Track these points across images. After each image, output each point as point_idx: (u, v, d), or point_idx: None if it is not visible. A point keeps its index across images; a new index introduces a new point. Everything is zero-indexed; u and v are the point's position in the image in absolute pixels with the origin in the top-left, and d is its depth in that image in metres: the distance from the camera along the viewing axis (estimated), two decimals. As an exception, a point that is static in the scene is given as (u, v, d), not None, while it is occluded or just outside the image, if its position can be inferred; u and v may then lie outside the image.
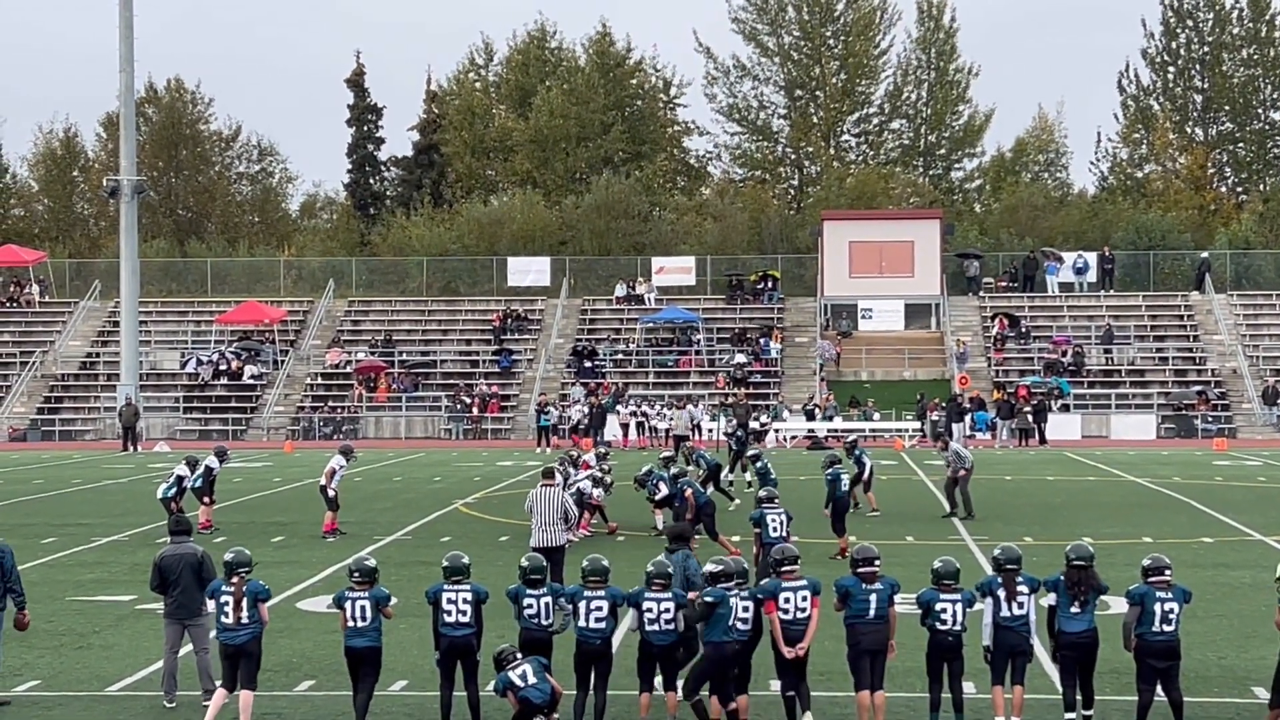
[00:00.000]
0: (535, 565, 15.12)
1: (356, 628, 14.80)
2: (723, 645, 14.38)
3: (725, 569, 14.57)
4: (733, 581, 14.52)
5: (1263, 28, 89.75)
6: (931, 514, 32.52)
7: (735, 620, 14.39)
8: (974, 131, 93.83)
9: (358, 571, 15.05)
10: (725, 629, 14.34)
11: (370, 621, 14.80)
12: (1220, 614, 20.39)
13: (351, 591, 14.92)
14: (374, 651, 14.85)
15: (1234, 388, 65.82)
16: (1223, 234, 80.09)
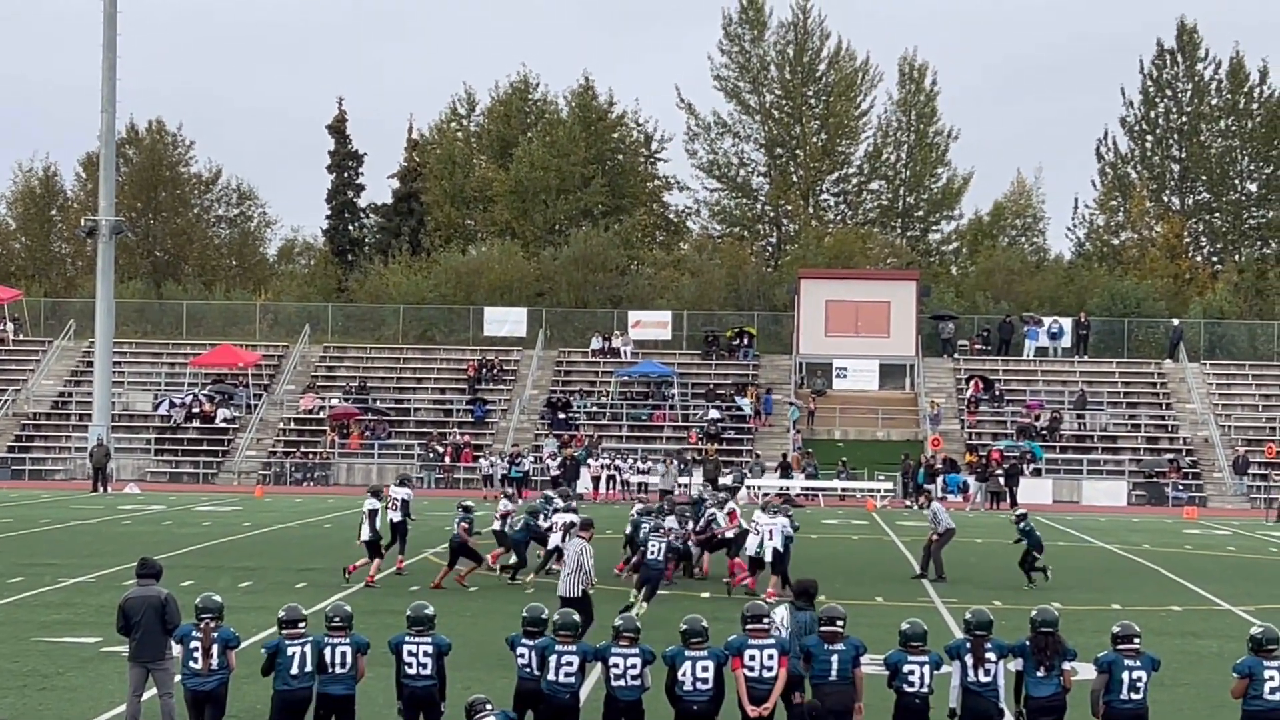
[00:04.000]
0: (534, 616, 15.00)
1: (335, 674, 14.71)
2: (682, 704, 14.31)
3: (690, 628, 14.50)
4: (698, 639, 14.44)
5: (1241, 99, 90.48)
6: (902, 575, 32.49)
7: (695, 680, 14.31)
8: (952, 194, 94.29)
9: (338, 618, 14.97)
10: (683, 687, 14.27)
11: (349, 669, 14.72)
12: (1187, 683, 20.36)
13: (330, 637, 14.85)
14: (349, 699, 14.78)
15: (1205, 456, 66.01)
16: (1197, 303, 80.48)
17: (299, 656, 14.65)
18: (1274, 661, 14.17)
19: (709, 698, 14.34)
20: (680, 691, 14.32)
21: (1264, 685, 14.13)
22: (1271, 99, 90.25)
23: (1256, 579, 34.06)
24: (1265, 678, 14.13)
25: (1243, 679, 14.28)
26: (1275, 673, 14.13)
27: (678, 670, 14.31)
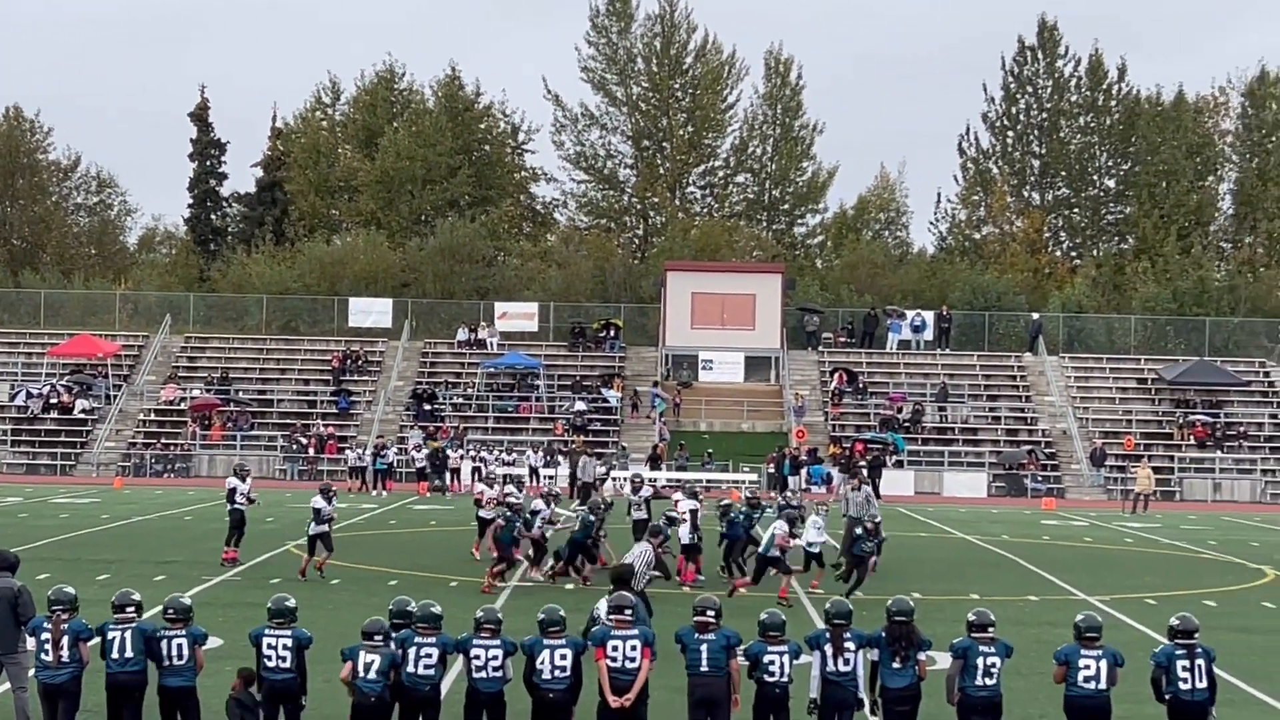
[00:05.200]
0: (399, 609, 14.85)
1: (173, 666, 14.56)
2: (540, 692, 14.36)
3: (547, 617, 14.55)
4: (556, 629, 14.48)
5: (1099, 96, 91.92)
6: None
7: (553, 668, 14.33)
8: (817, 188, 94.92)
9: (173, 610, 14.83)
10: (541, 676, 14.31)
11: (186, 660, 14.57)
12: (1043, 671, 20.57)
13: (167, 630, 14.70)
14: (189, 691, 14.62)
15: (1063, 448, 67.06)
16: (1056, 297, 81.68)
17: (119, 641, 14.61)
18: (1093, 650, 14.49)
19: (567, 686, 14.38)
20: (538, 680, 14.35)
21: (1079, 673, 14.45)
22: (1129, 96, 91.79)
23: (1112, 569, 34.65)
24: (1080, 666, 14.45)
25: (1060, 666, 14.62)
26: (1091, 661, 14.45)
27: (536, 659, 14.34)
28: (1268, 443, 67.74)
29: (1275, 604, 28.83)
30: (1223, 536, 44.74)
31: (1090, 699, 14.41)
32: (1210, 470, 65.61)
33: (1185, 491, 64.42)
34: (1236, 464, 66.19)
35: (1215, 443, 66.91)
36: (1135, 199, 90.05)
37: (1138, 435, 67.23)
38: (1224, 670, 15.52)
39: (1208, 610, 24.96)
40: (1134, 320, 77.84)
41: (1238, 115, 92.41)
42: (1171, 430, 68.11)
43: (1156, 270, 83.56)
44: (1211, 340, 75.42)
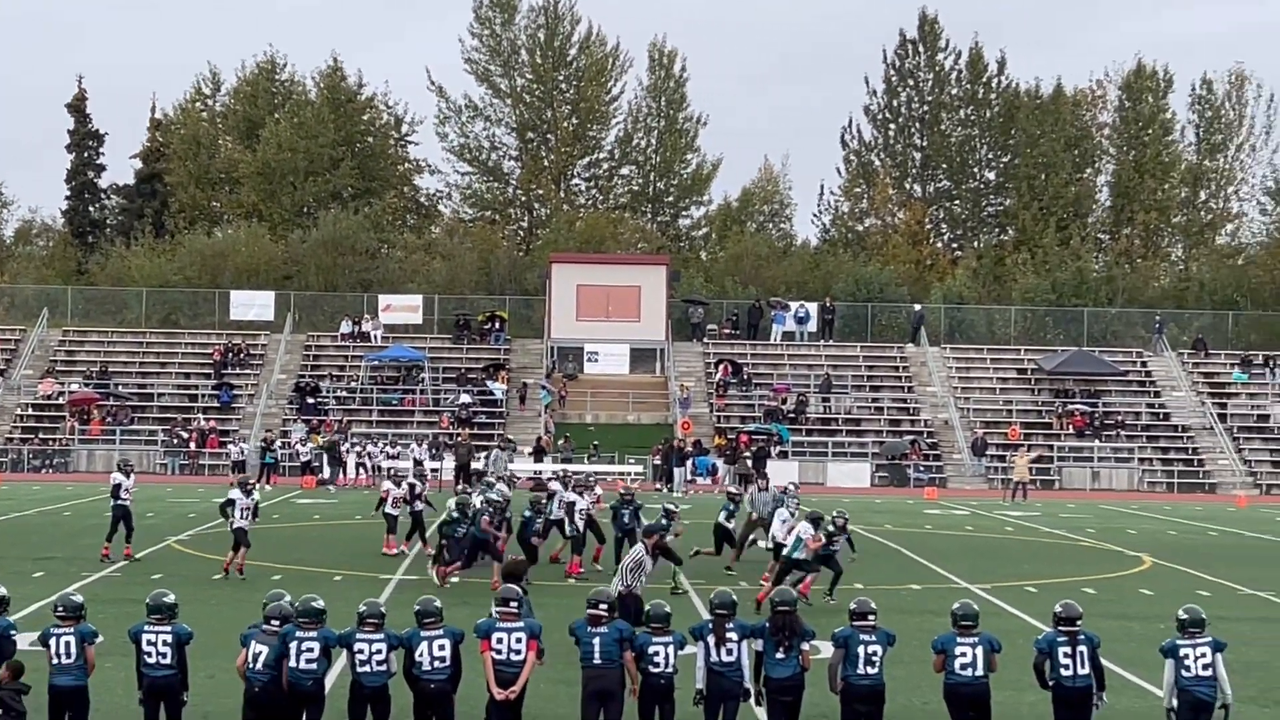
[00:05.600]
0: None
1: (61, 664, 14.36)
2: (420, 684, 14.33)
3: (423, 608, 14.50)
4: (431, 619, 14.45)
5: (979, 89, 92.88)
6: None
7: (432, 659, 14.28)
8: (702, 180, 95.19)
9: (63, 607, 14.62)
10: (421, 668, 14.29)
11: (75, 659, 14.38)
12: (924, 659, 20.63)
13: (56, 628, 14.49)
14: (79, 690, 14.42)
15: (945, 438, 67.71)
16: (938, 288, 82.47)
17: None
18: (969, 638, 14.65)
19: (447, 676, 14.36)
20: (418, 672, 14.32)
21: (956, 661, 14.61)
22: (1009, 90, 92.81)
23: (993, 558, 35.02)
24: (957, 653, 14.61)
25: (938, 654, 14.77)
26: (968, 648, 14.61)
27: (414, 651, 14.29)
28: (1145, 432, 68.78)
29: (1153, 591, 29.26)
30: (1101, 524, 45.37)
31: (968, 686, 14.56)
32: (1089, 459, 66.51)
33: (1064, 480, 65.26)
34: (1114, 453, 67.14)
35: (1093, 432, 67.85)
36: (1015, 191, 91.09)
37: (1018, 425, 68.00)
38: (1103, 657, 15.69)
39: (1087, 597, 25.28)
40: (1014, 311, 78.77)
41: (1115, 108, 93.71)
42: (1051, 420, 68.98)
43: (1036, 262, 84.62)
44: (1090, 330, 76.45)
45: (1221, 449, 67.41)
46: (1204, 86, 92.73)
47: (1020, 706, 17.39)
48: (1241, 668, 20.55)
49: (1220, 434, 68.10)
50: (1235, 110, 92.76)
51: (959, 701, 14.62)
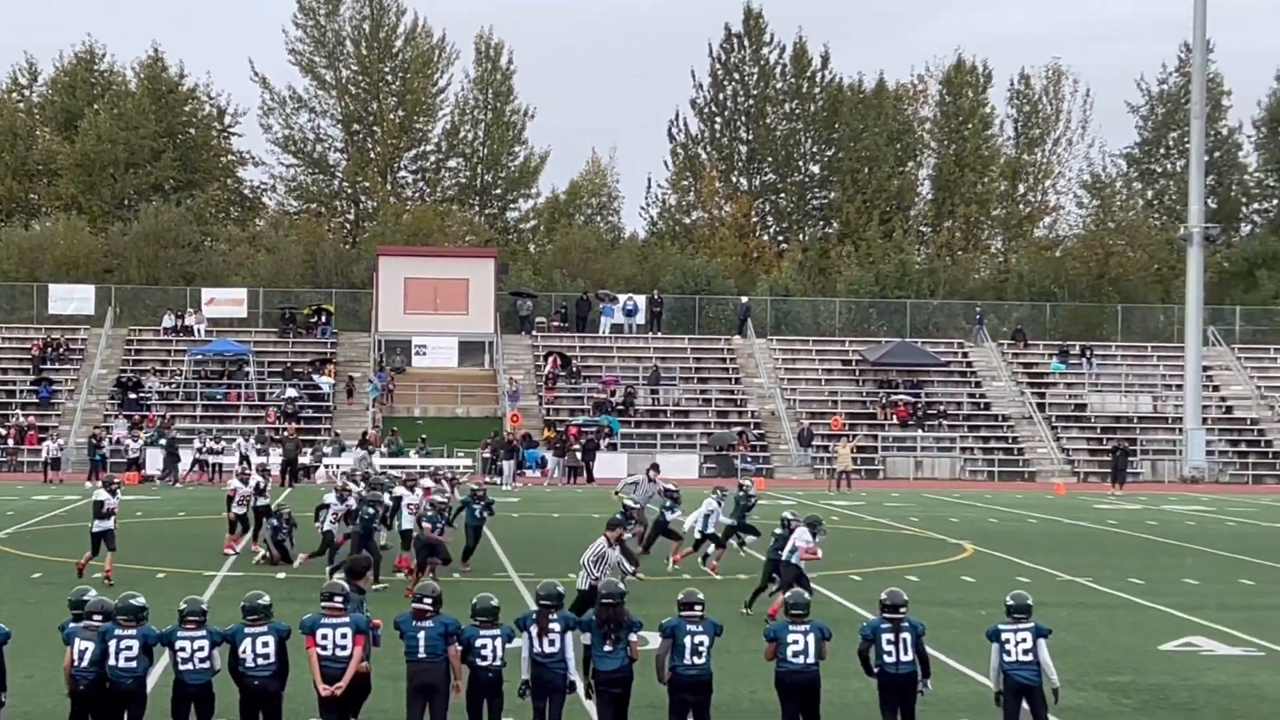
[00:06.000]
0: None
1: None
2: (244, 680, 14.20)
3: (248, 604, 14.37)
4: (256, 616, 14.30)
5: (804, 84, 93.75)
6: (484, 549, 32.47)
7: (255, 656, 14.14)
8: (529, 173, 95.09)
9: None
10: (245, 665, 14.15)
11: None
12: (754, 649, 20.94)
13: None
14: None
15: (772, 429, 68.34)
16: (764, 281, 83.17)
17: None
18: (801, 625, 14.80)
19: (271, 673, 14.20)
20: (242, 669, 14.16)
21: (788, 649, 14.76)
22: (832, 84, 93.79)
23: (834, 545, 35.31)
24: (789, 641, 14.76)
25: (770, 642, 14.90)
26: (799, 636, 14.74)
27: (239, 648, 14.14)
28: (966, 421, 69.97)
29: (975, 578, 29.78)
30: (924, 513, 46.07)
31: (799, 673, 14.69)
32: (912, 449, 67.51)
33: (888, 469, 66.19)
34: (937, 442, 68.23)
35: (916, 422, 68.89)
36: (839, 184, 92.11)
37: (843, 415, 68.84)
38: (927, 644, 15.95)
39: (911, 585, 25.67)
40: (838, 303, 79.71)
41: (936, 103, 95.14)
42: (875, 410, 69.90)
43: (860, 254, 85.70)
44: (912, 322, 77.59)
45: (1040, 438, 68.79)
46: (1022, 82, 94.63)
47: (846, 693, 17.60)
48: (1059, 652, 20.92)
49: (1039, 423, 69.50)
50: (1052, 105, 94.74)
51: (790, 689, 14.75)
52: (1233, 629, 23.55)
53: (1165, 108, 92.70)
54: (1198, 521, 45.21)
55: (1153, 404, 71.88)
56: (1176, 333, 74.56)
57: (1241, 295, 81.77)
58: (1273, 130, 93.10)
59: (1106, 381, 73.15)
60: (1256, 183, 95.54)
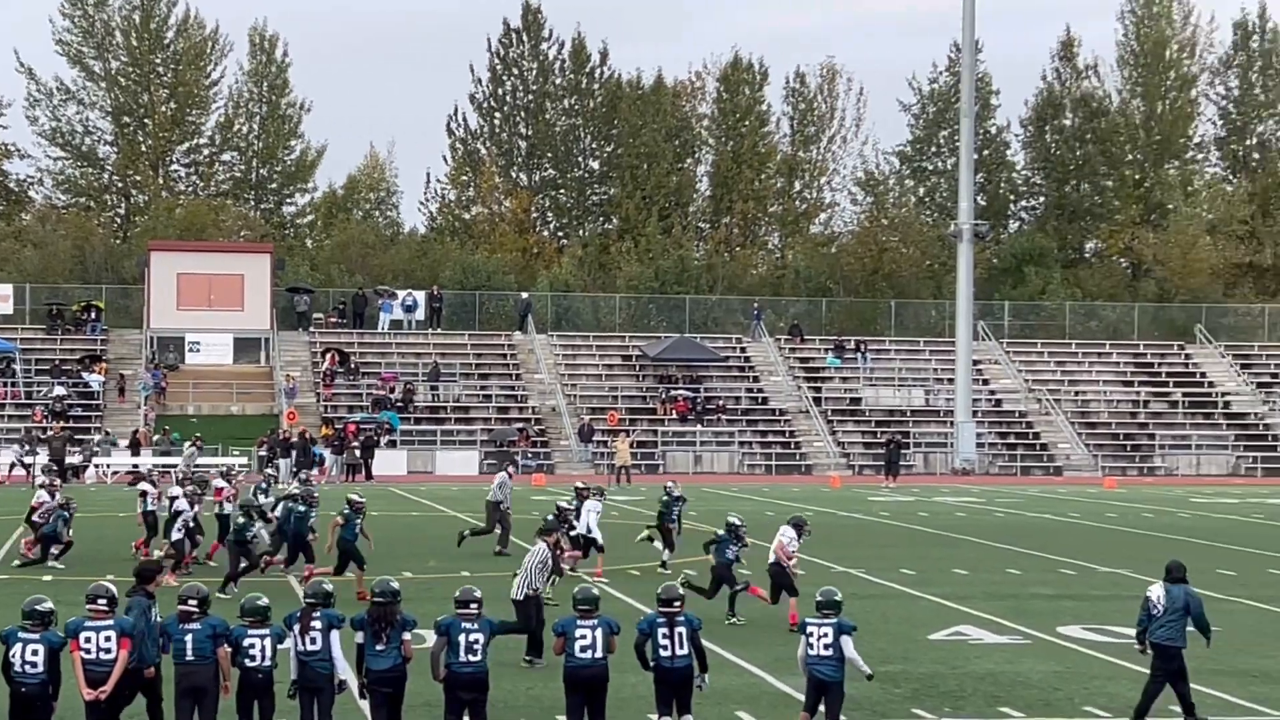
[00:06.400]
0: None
1: None
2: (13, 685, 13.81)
3: (26, 606, 13.95)
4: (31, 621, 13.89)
5: (583, 80, 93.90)
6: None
7: (24, 661, 13.74)
8: (306, 167, 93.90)
9: None
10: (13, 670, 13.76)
11: None
12: (533, 645, 21.02)
13: None
14: None
15: (552, 425, 68.42)
16: (544, 277, 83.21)
17: None
18: (589, 620, 14.83)
19: (39, 680, 13.80)
20: (12, 674, 13.78)
21: (575, 643, 14.79)
22: (611, 80, 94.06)
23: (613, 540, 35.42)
24: (577, 636, 14.79)
25: (559, 637, 14.95)
26: (587, 630, 14.80)
27: (9, 651, 13.77)
28: (744, 415, 70.75)
29: (750, 571, 30.00)
30: (703, 507, 46.35)
31: (587, 668, 14.72)
32: (691, 443, 68.08)
33: (668, 464, 66.63)
34: (715, 436, 68.89)
35: (696, 416, 69.46)
36: (619, 181, 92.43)
37: (623, 410, 69.17)
38: (706, 637, 16.08)
39: (691, 578, 25.73)
40: (619, 299, 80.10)
41: (713, 100, 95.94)
42: (655, 405, 70.34)
43: (640, 250, 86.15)
44: (691, 318, 78.22)
45: (816, 431, 69.81)
46: (798, 80, 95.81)
47: (623, 688, 17.61)
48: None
49: (815, 417, 70.51)
50: (827, 103, 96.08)
51: (578, 684, 14.76)
52: (1000, 618, 24.10)
53: (936, 106, 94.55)
54: (968, 513, 46.22)
55: (925, 397, 73.37)
56: (948, 328, 76.15)
57: (1010, 291, 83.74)
58: (1039, 129, 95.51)
59: (880, 376, 74.50)
60: (1024, 180, 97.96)
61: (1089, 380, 75.98)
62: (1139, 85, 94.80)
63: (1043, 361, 77.01)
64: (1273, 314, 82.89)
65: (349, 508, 26.23)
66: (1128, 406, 74.35)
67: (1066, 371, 76.43)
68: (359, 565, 25.73)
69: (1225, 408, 74.18)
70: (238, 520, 27.02)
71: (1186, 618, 16.64)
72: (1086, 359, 77.63)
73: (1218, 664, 20.13)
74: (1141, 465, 69.92)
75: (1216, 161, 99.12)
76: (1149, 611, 16.89)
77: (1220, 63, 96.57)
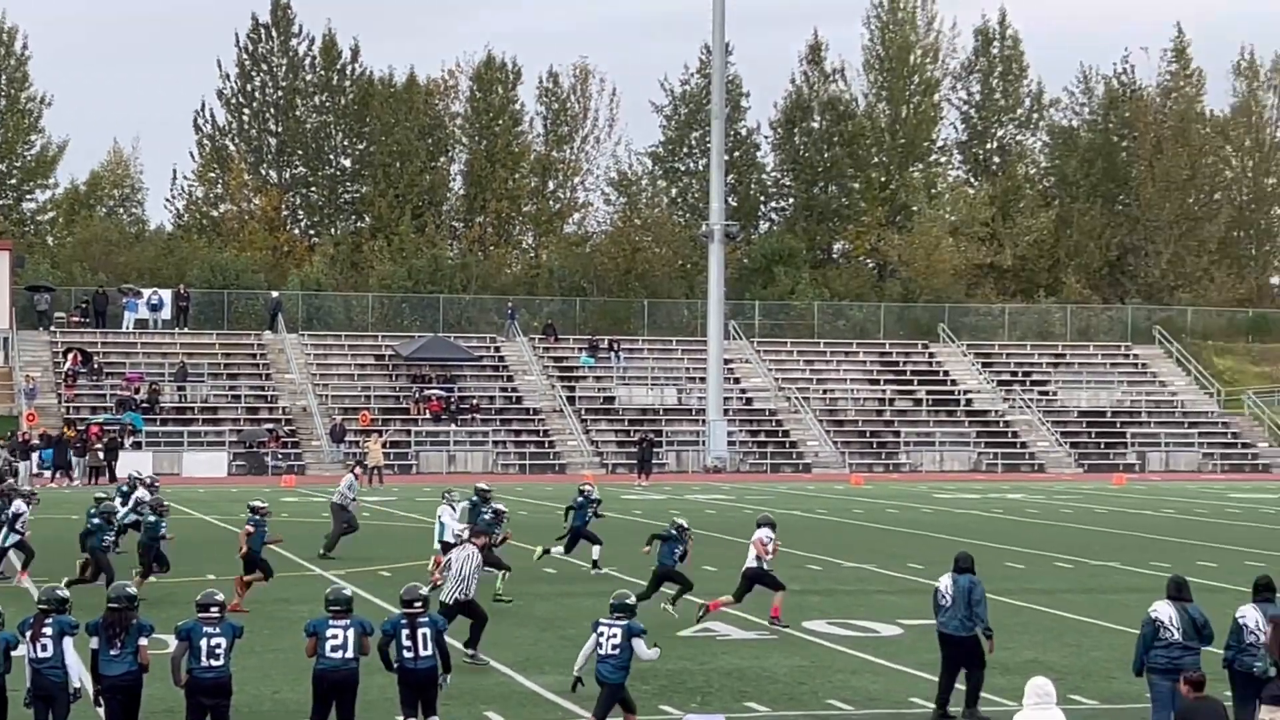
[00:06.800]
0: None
1: None
2: None
3: None
4: None
5: (334, 76, 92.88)
6: None
7: None
8: (47, 163, 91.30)
9: None
10: None
11: None
12: (277, 649, 20.77)
13: None
14: None
15: (304, 425, 67.61)
16: (295, 275, 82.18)
17: None
18: (341, 621, 14.68)
19: None
20: None
21: (327, 644, 14.65)
22: (363, 77, 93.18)
23: (349, 542, 35.14)
24: (328, 636, 14.65)
25: (310, 638, 14.81)
26: (339, 631, 14.67)
27: None
28: (499, 415, 70.67)
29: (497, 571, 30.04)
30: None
31: (337, 669, 14.61)
32: (445, 443, 67.79)
33: (421, 464, 66.26)
34: (470, 436, 68.70)
35: (449, 416, 69.21)
36: (371, 178, 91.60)
37: (376, 410, 68.64)
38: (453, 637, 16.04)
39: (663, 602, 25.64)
40: (371, 298, 79.46)
41: (467, 98, 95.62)
42: (408, 405, 69.92)
43: (392, 249, 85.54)
44: (446, 317, 77.93)
45: (570, 430, 70.02)
46: (551, 79, 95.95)
47: (370, 689, 17.48)
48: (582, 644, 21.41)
49: (569, 416, 70.74)
50: (580, 103, 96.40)
51: (328, 685, 14.63)
52: (747, 614, 24.38)
53: (688, 108, 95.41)
54: (717, 510, 46.81)
55: (677, 396, 74.02)
56: (699, 327, 76.89)
57: (760, 291, 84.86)
58: (788, 131, 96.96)
59: (633, 375, 74.99)
60: (774, 182, 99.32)
61: (837, 379, 77.37)
62: (884, 89, 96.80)
63: (792, 360, 78.22)
64: (1013, 314, 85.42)
65: (254, 514, 25.84)
66: (874, 404, 75.86)
67: (815, 370, 77.74)
68: (266, 574, 25.28)
69: (967, 405, 76.12)
70: (149, 520, 26.76)
71: None
72: (834, 358, 79.06)
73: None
74: (888, 462, 71.42)
75: (959, 165, 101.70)
76: (938, 602, 17.31)
77: (962, 68, 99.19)
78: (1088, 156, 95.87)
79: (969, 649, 17.17)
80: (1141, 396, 77.97)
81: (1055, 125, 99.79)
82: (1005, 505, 50.14)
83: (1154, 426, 75.13)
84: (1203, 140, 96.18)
